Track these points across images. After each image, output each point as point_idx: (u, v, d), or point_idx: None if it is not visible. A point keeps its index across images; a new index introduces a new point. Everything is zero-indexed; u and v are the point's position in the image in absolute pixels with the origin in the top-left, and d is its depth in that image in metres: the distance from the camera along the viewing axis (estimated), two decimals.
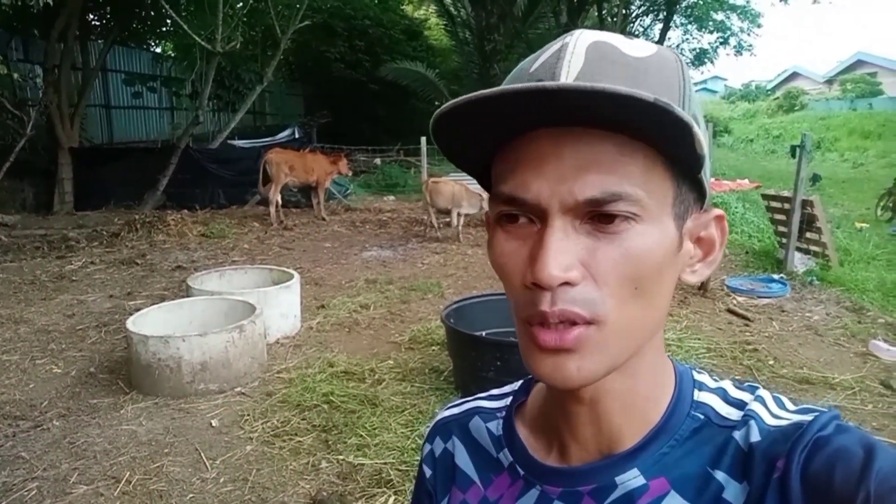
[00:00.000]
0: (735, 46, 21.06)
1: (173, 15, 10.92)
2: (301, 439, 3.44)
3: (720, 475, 0.51)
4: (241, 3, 11.71)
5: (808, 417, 0.51)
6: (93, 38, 12.86)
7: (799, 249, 6.69)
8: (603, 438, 0.56)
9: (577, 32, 0.51)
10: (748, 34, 20.87)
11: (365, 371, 4.27)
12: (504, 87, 0.44)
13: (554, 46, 0.51)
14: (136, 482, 3.08)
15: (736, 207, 9.63)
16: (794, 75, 41.82)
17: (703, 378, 0.60)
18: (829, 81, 37.99)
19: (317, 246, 8.42)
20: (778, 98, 36.59)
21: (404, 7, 22.37)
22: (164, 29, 14.48)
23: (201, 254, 7.85)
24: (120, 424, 3.64)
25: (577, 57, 0.49)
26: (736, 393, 0.57)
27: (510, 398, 0.68)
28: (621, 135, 0.47)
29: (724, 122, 33.46)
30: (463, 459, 0.67)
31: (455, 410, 0.72)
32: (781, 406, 0.55)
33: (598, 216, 0.47)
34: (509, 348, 3.51)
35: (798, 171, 6.37)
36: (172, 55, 15.27)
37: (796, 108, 33.59)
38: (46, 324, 5.28)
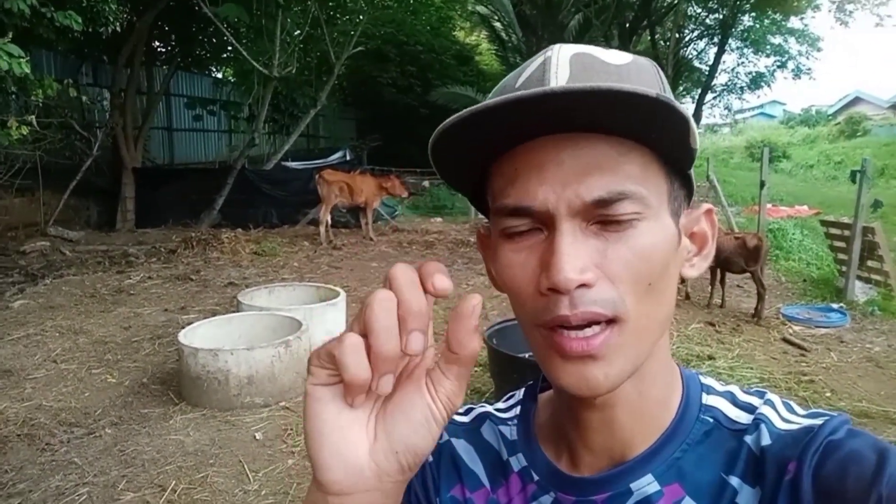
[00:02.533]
0: (793, 70, 20.57)
1: (234, 42, 11.35)
2: None
3: (734, 480, 0.52)
4: (298, 31, 12.09)
5: (819, 421, 0.51)
6: (158, 64, 13.48)
7: (859, 278, 6.43)
8: (615, 444, 0.56)
9: (557, 46, 0.53)
10: (807, 58, 20.39)
11: None
12: (506, 96, 0.45)
13: (536, 61, 0.53)
14: (181, 491, 3.15)
15: (793, 234, 9.33)
16: (856, 100, 40.50)
17: (710, 381, 0.60)
18: (894, 106, 36.66)
19: (364, 265, 8.52)
20: (839, 123, 35.48)
21: (456, 33, 22.69)
22: (224, 55, 15.08)
23: (253, 271, 8.05)
24: (168, 434, 3.73)
25: (562, 68, 0.50)
26: (744, 397, 0.58)
27: (518, 407, 0.68)
28: (616, 136, 0.48)
29: (783, 147, 32.61)
30: (472, 460, 0.66)
31: (464, 418, 0.72)
32: (791, 410, 0.55)
33: (605, 217, 0.49)
34: None
35: (858, 196, 6.15)
36: (232, 80, 15.84)
37: (858, 134, 32.47)
38: (104, 335, 5.48)
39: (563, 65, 0.50)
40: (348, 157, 15.05)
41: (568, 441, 0.59)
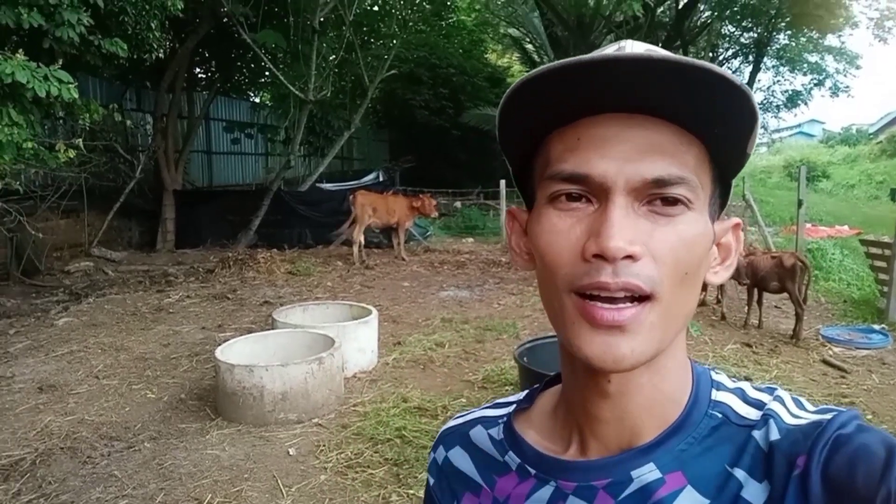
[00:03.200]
0: (831, 88, 20.22)
1: (271, 67, 11.65)
2: (373, 472, 3.49)
3: (740, 473, 0.52)
4: (333, 56, 12.36)
5: (828, 416, 0.51)
6: (198, 89, 13.89)
7: None
8: (624, 435, 0.57)
9: (630, 42, 0.54)
10: (845, 75, 20.02)
11: (438, 408, 4.30)
12: (591, 55, 0.47)
13: (610, 48, 0.53)
14: None
15: (833, 254, 9.12)
16: None
17: (722, 378, 0.60)
18: None
19: (396, 285, 8.59)
20: (881, 142, 34.65)
21: (488, 55, 22.90)
22: (262, 80, 15.48)
23: (287, 290, 8.18)
24: (205, 449, 3.81)
25: (637, 48, 0.51)
26: (754, 393, 0.58)
27: (513, 406, 0.69)
28: (678, 125, 0.50)
29: (822, 166, 31.94)
30: (467, 466, 0.67)
31: (459, 421, 0.73)
32: (801, 406, 0.55)
33: (659, 199, 0.50)
34: None
35: None
36: (269, 104, 16.23)
37: None
38: (144, 352, 5.63)
39: (639, 49, 0.51)
40: (381, 179, 15.22)
41: (578, 432, 0.60)
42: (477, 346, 5.77)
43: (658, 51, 0.50)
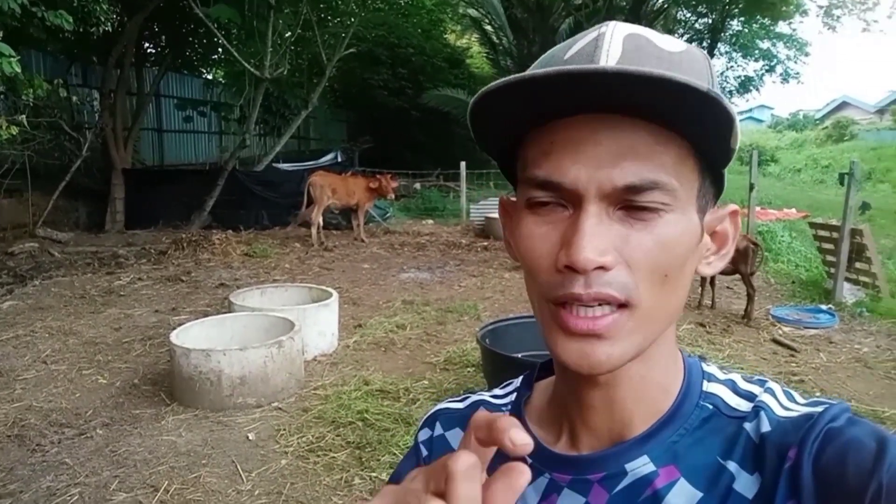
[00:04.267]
0: (781, 74, 20.75)
1: (225, 43, 11.32)
2: (335, 455, 3.46)
3: (732, 466, 0.51)
4: (289, 33, 12.07)
5: (819, 409, 0.51)
6: (148, 65, 13.41)
7: (848, 280, 6.50)
8: (615, 425, 0.56)
9: (612, 24, 0.52)
10: (795, 62, 20.58)
11: (400, 390, 4.28)
12: (557, 68, 0.45)
13: (589, 35, 0.52)
14: (174, 492, 3.13)
15: (782, 236, 9.41)
16: (843, 104, 40.96)
17: (713, 369, 0.60)
18: (881, 111, 37.08)
19: (356, 267, 8.52)
20: (827, 127, 35.85)
21: (447, 36, 22.74)
22: (215, 57, 15.03)
23: (244, 272, 8.02)
24: (160, 435, 3.71)
25: (615, 46, 0.49)
26: (745, 385, 0.57)
27: (514, 394, 0.68)
28: (656, 124, 0.48)
29: (771, 151, 32.88)
30: None
31: (458, 405, 0.72)
32: (791, 398, 0.55)
33: (632, 203, 0.48)
34: None
35: (847, 199, 6.21)
36: (222, 81, 15.79)
37: (846, 138, 32.82)
38: (94, 336, 5.44)
39: (616, 44, 0.50)
40: (340, 159, 15.04)
41: (569, 421, 0.59)
42: (438, 328, 5.77)
43: (636, 50, 0.49)
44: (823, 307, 6.16)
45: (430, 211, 13.85)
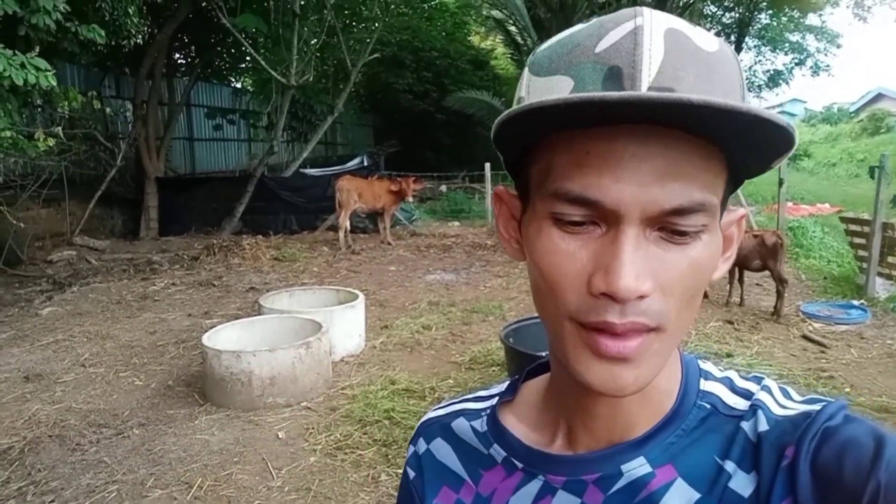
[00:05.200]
0: (812, 67, 20.36)
1: (252, 52, 11.55)
2: (362, 453, 3.53)
3: (729, 465, 0.51)
4: (314, 40, 12.25)
5: (817, 407, 0.50)
6: (178, 75, 13.73)
7: (881, 275, 6.37)
8: (617, 428, 0.56)
9: (647, 13, 0.46)
10: (825, 54, 20.17)
11: (425, 389, 4.34)
12: (604, 94, 0.40)
13: (625, 26, 0.46)
14: (207, 488, 3.23)
15: (814, 232, 9.25)
16: (878, 97, 39.92)
17: (709, 367, 0.59)
18: None
19: (382, 269, 8.61)
20: (862, 121, 35.03)
21: (471, 38, 22.79)
22: (243, 65, 15.31)
23: (273, 276, 8.17)
24: (194, 434, 3.83)
25: (656, 46, 0.45)
26: (742, 383, 0.57)
27: (496, 398, 0.67)
28: (702, 138, 0.44)
29: (804, 145, 32.23)
30: (450, 459, 0.65)
31: (440, 412, 0.70)
32: (788, 396, 0.55)
33: (672, 226, 0.46)
34: None
35: (878, 192, 6.10)
36: (250, 90, 16.09)
37: (882, 131, 32.02)
38: (130, 340, 5.61)
39: (658, 43, 0.45)
40: (366, 163, 15.16)
41: (567, 424, 0.58)
42: (463, 329, 5.82)
43: (678, 50, 0.45)
44: (855, 303, 6.06)
45: (456, 213, 13.90)
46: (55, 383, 4.62)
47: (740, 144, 0.45)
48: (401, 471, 2.72)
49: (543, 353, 3.22)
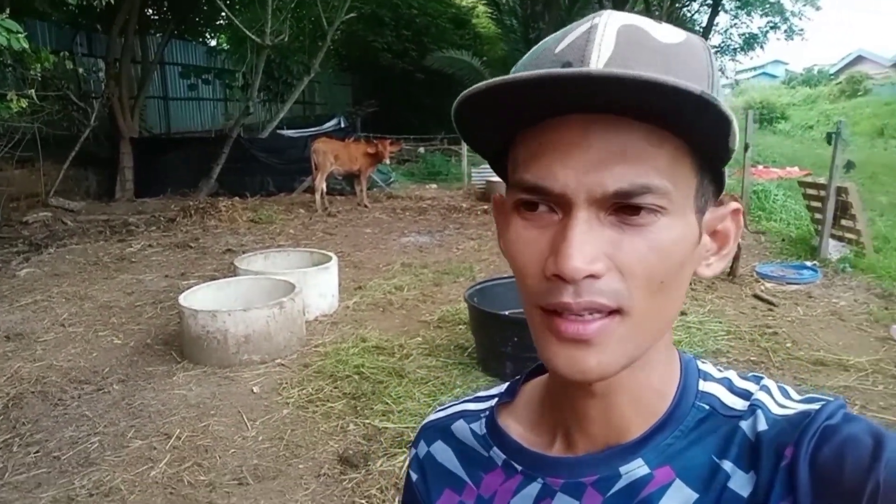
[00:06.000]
0: (786, 31, 20.48)
1: (226, 11, 11.39)
2: (332, 405, 3.75)
3: (727, 465, 0.51)
4: None
5: (815, 406, 0.51)
6: (151, 33, 13.50)
7: (834, 237, 6.66)
8: (612, 431, 0.56)
9: (606, 13, 0.50)
10: (800, 18, 20.25)
11: (394, 346, 4.56)
12: (537, 73, 0.43)
13: (582, 27, 0.49)
14: (185, 438, 3.44)
15: (776, 195, 9.54)
16: (858, 59, 40.15)
17: (708, 368, 0.59)
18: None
19: (358, 232, 8.76)
20: (840, 83, 35.30)
21: None
22: (218, 22, 15.05)
23: (250, 238, 8.29)
24: (172, 389, 4.02)
25: (607, 40, 0.47)
26: (741, 383, 0.57)
27: (495, 399, 0.67)
28: (649, 124, 0.46)
29: (781, 108, 32.49)
30: (451, 461, 0.66)
31: (440, 415, 0.71)
32: (787, 395, 0.55)
33: (625, 208, 0.47)
34: (526, 326, 3.73)
35: (833, 157, 6.35)
36: (226, 48, 15.84)
37: (860, 93, 32.37)
38: (108, 300, 5.75)
39: (609, 37, 0.47)
40: (343, 125, 15.16)
41: (565, 426, 0.59)
42: (434, 289, 6.03)
43: (630, 43, 0.47)
44: (808, 264, 6.34)
45: (434, 175, 14.00)
46: (35, 342, 4.77)
47: (683, 126, 0.45)
48: (367, 420, 2.97)
49: (506, 312, 3.44)
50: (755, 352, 4.37)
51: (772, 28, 20.74)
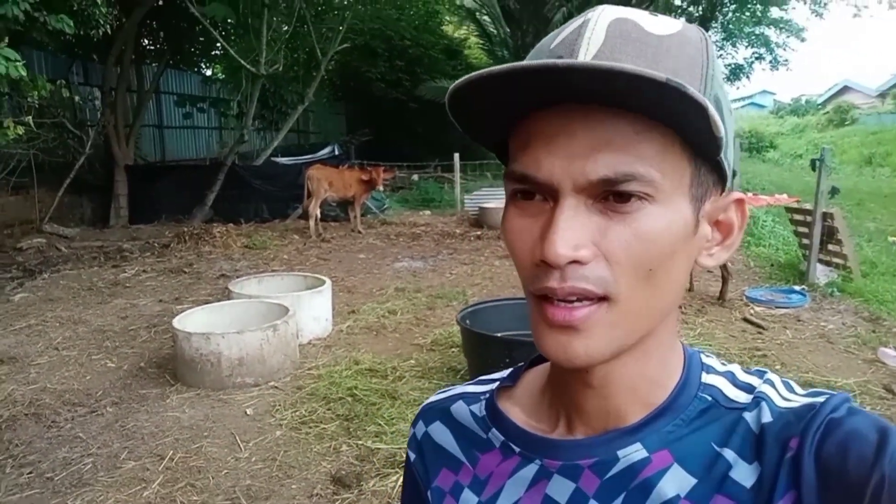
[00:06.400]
0: (770, 62, 20.91)
1: (221, 41, 11.57)
2: (325, 426, 3.77)
3: (729, 454, 0.51)
4: (285, 27, 12.31)
5: (820, 399, 0.51)
6: (147, 62, 13.67)
7: (822, 262, 6.76)
8: (610, 420, 0.56)
9: (601, 8, 0.51)
10: (784, 49, 20.72)
11: (388, 369, 4.59)
12: (515, 64, 0.44)
13: (576, 22, 0.51)
14: (178, 459, 3.45)
15: (765, 221, 9.68)
16: (845, 89, 41.02)
17: (712, 361, 0.59)
18: (882, 95, 37.19)
19: (352, 257, 8.81)
20: (828, 112, 35.99)
21: (444, 27, 22.91)
22: (213, 53, 15.25)
23: (244, 263, 8.33)
24: (166, 411, 4.03)
25: (596, 34, 0.49)
26: (744, 377, 0.57)
27: (497, 383, 0.68)
28: (637, 114, 0.46)
29: (770, 137, 33.05)
30: (448, 442, 0.67)
31: (441, 396, 0.72)
32: (791, 389, 0.55)
33: (611, 195, 0.47)
34: (518, 346, 3.77)
35: (818, 184, 6.47)
36: (221, 77, 16.05)
37: (847, 123, 33.00)
38: (102, 324, 5.76)
39: (599, 31, 0.49)
40: (337, 153, 15.29)
41: (565, 411, 0.60)
42: (427, 313, 6.07)
43: (620, 36, 0.49)
44: (797, 288, 6.43)
45: (428, 202, 14.11)
46: (29, 365, 4.78)
47: (666, 115, 0.46)
48: (360, 442, 3.01)
49: (498, 334, 3.49)
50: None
51: (757, 59, 21.20)
